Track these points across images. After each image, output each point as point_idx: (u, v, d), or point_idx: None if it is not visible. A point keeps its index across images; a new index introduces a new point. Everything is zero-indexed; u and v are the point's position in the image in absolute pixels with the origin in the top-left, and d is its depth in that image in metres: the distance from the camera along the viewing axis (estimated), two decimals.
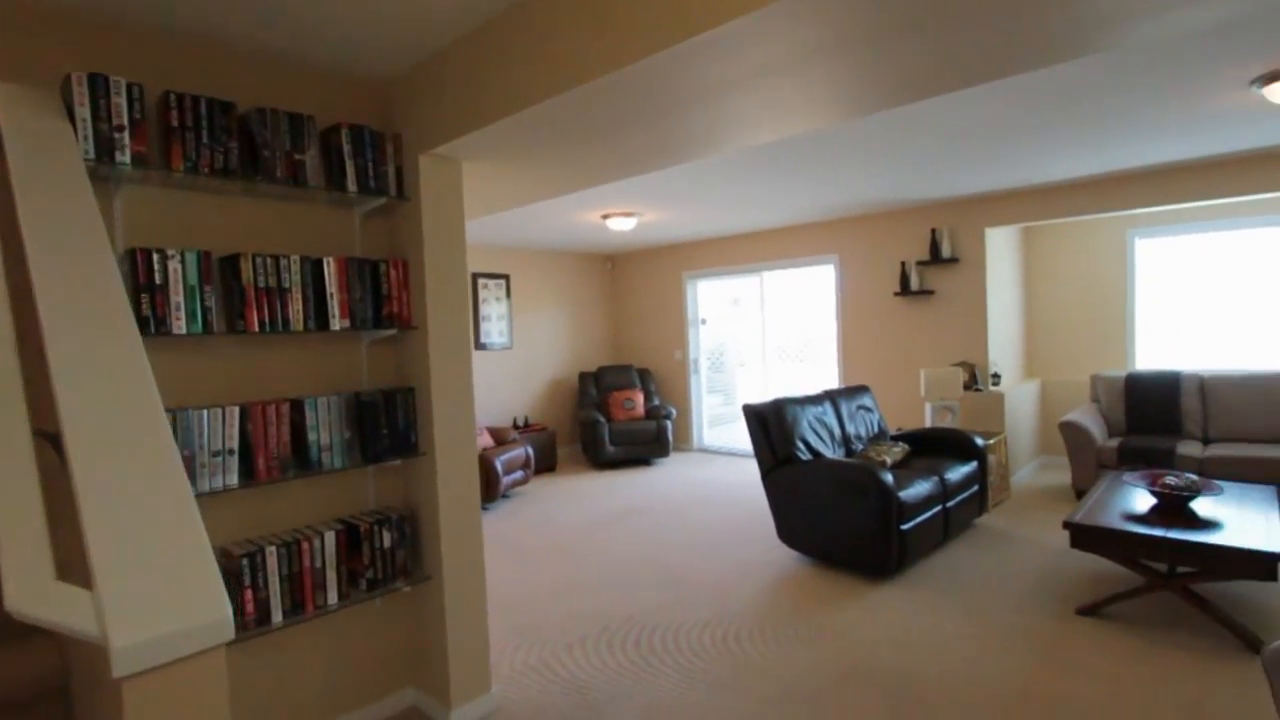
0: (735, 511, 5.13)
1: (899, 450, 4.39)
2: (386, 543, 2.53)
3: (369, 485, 2.65)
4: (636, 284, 8.14)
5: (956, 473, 4.21)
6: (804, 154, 3.85)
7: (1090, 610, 3.15)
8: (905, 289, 5.76)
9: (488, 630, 2.70)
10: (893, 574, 3.70)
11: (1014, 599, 3.35)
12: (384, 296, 2.56)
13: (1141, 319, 5.70)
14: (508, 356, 7.37)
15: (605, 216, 5.60)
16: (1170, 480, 3.38)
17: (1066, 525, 3.15)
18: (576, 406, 7.64)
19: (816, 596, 3.47)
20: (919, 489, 3.81)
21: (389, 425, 2.56)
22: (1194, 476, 3.36)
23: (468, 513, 2.66)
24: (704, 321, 7.70)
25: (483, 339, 7.19)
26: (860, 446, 4.54)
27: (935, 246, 5.55)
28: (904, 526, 3.63)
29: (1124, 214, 5.66)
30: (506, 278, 7.41)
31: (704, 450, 7.70)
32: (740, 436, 8.13)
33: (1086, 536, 3.11)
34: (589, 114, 2.16)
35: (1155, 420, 4.94)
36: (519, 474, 5.90)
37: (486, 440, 5.97)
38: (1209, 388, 4.87)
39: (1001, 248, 5.70)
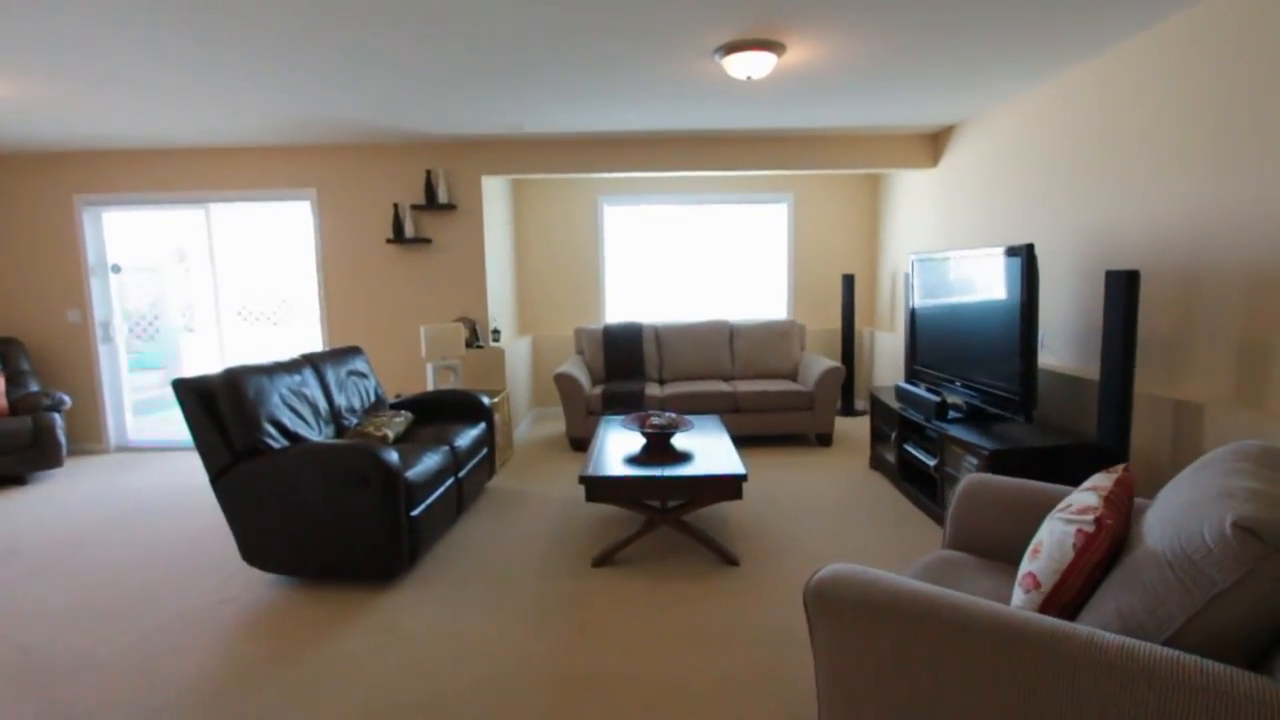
0: (177, 534, 3.66)
1: (401, 421, 3.72)
2: None
3: None
4: None
5: (466, 437, 3.78)
6: (235, 28, 2.71)
7: (604, 560, 3.11)
8: (400, 236, 5.06)
9: None
10: (406, 572, 3.04)
11: (535, 566, 3.09)
12: None
13: (611, 277, 6.36)
14: None
15: None
16: (655, 420, 3.62)
17: (582, 480, 3.02)
18: None
19: (305, 633, 2.55)
20: (429, 464, 3.22)
21: None
22: (673, 414, 3.68)
23: None
24: (116, 269, 5.48)
25: None
26: (354, 421, 3.70)
27: (431, 190, 5.00)
28: (415, 512, 2.99)
29: (597, 177, 6.16)
30: None
31: (128, 449, 5.56)
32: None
33: (599, 488, 3.03)
34: None
35: (626, 367, 5.52)
36: None
37: None
38: (662, 337, 5.68)
39: (496, 199, 5.53)
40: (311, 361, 3.56)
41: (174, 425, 6.17)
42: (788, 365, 5.62)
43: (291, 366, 3.34)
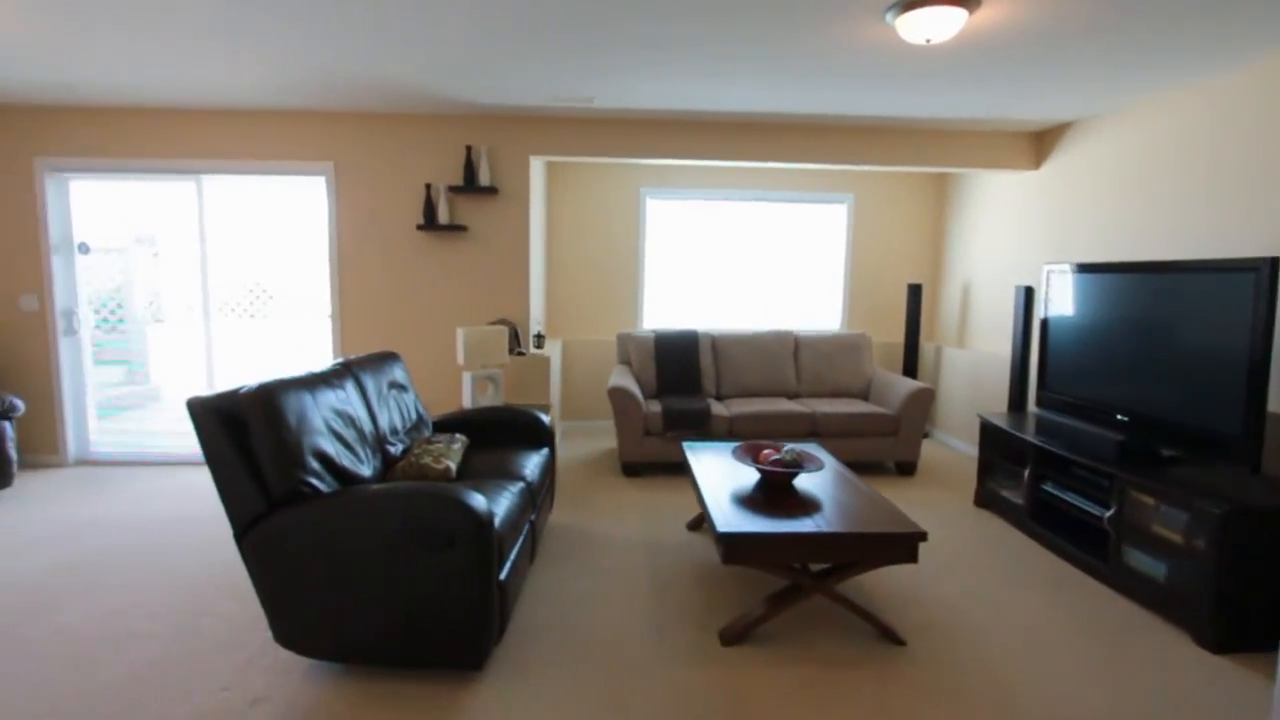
0: (167, 591, 2.88)
1: (459, 448, 3.01)
2: None
3: None
4: None
5: (533, 467, 3.09)
6: None
7: (738, 637, 2.45)
8: (432, 222, 4.32)
9: None
10: (491, 653, 2.34)
11: (647, 641, 2.43)
12: None
13: (650, 278, 5.71)
14: None
15: None
16: (773, 455, 2.99)
17: (722, 537, 2.36)
18: None
19: None
20: (509, 506, 2.53)
21: None
22: (795, 448, 3.05)
23: None
24: (84, 249, 4.62)
25: None
26: (399, 447, 2.97)
27: (471, 170, 4.27)
28: (503, 575, 2.30)
29: (640, 165, 5.51)
30: None
31: (91, 461, 4.70)
32: (163, 428, 5.40)
33: (742, 548, 2.37)
34: None
35: (682, 381, 4.87)
36: None
37: None
38: (719, 347, 5.05)
39: (535, 184, 4.83)
40: (352, 371, 2.83)
41: (144, 429, 5.30)
42: (859, 383, 5.05)
43: (333, 378, 2.61)
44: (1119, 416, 3.21)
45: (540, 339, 4.53)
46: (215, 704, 2.05)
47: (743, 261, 5.74)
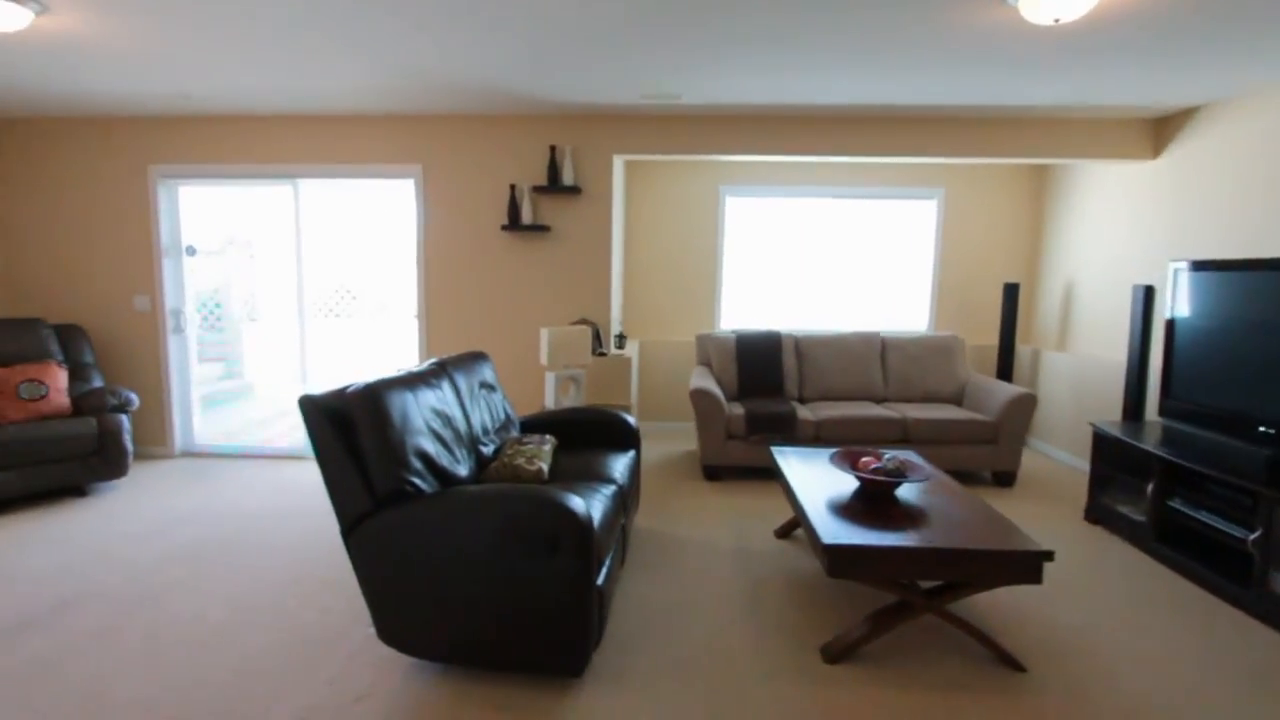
0: (271, 583, 2.97)
1: (549, 449, 2.99)
2: None
3: None
4: (49, 177, 4.66)
5: (621, 469, 3.04)
6: None
7: (842, 655, 2.33)
8: (516, 222, 4.35)
9: None
10: (590, 659, 2.30)
11: (746, 654, 2.34)
12: None
13: (729, 278, 5.61)
14: None
15: None
16: (873, 463, 2.84)
17: (828, 549, 2.25)
18: None
19: None
20: (604, 510, 2.49)
21: None
22: (895, 454, 2.90)
23: None
24: (191, 251, 4.86)
25: None
26: (490, 447, 2.97)
27: (555, 170, 4.27)
28: (600, 580, 2.26)
29: (720, 163, 5.40)
30: None
31: (196, 454, 4.94)
32: (259, 424, 5.64)
33: (850, 562, 2.26)
34: None
35: (764, 383, 4.74)
36: None
37: None
38: (802, 348, 4.89)
39: (617, 183, 4.80)
40: (447, 371, 2.85)
41: (242, 424, 5.56)
42: (950, 387, 4.80)
43: (430, 378, 2.62)
44: (1261, 428, 2.91)
45: (622, 339, 4.49)
46: (321, 698, 2.08)
47: (825, 260, 5.56)
